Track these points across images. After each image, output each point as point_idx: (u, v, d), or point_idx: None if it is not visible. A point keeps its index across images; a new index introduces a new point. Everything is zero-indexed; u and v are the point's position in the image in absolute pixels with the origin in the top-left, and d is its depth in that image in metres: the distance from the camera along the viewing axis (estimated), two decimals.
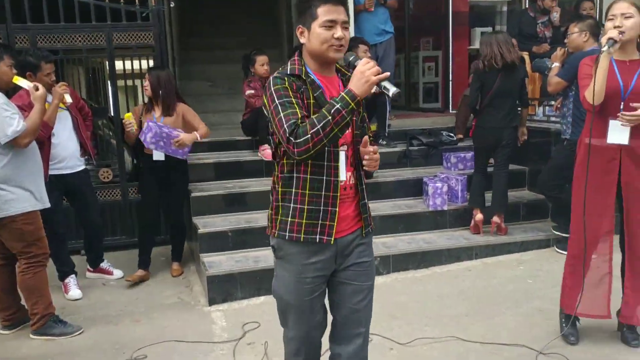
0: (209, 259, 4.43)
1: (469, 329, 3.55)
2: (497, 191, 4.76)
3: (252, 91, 5.38)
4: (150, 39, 5.18)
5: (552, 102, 5.42)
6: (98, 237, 4.68)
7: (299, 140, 1.98)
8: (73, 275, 4.44)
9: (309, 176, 2.14)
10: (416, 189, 5.23)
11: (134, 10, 5.16)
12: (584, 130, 3.18)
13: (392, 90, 2.01)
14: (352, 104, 1.97)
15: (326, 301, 2.33)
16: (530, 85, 6.21)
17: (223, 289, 4.17)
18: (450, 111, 6.84)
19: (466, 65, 7.02)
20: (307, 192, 2.15)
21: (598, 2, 6.76)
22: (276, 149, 2.21)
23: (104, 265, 4.76)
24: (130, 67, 5.33)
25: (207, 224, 4.68)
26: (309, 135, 1.97)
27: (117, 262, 4.88)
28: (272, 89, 2.10)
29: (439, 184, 4.86)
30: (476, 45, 7.17)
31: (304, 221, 2.15)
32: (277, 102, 2.06)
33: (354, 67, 2.05)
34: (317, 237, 2.16)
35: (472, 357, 3.23)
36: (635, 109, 2.92)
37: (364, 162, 2.17)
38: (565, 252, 3.68)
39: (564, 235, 4.76)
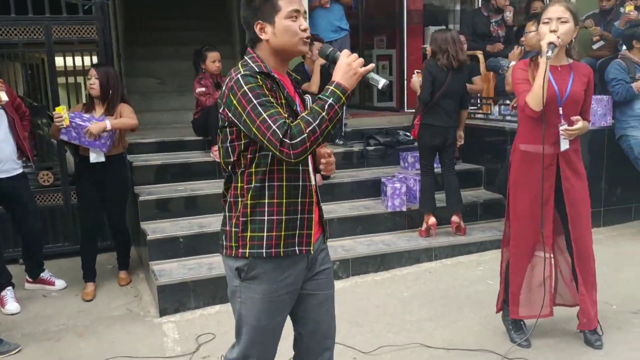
0: (159, 266, 4.19)
1: (433, 334, 3.46)
2: (451, 192, 4.70)
3: (203, 89, 5.15)
4: (93, 34, 4.85)
5: (508, 102, 5.43)
6: (38, 245, 4.34)
7: (295, 141, 1.81)
8: (10, 288, 4.11)
9: (284, 183, 1.98)
10: (374, 189, 5.13)
11: (75, 3, 4.84)
12: (518, 136, 3.12)
13: (381, 82, 1.92)
14: (344, 98, 1.86)
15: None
16: (484, 84, 6.22)
17: (175, 298, 3.94)
18: (406, 110, 6.78)
19: (420, 64, 6.97)
20: (283, 200, 1.97)
21: (548, 1, 6.84)
22: (239, 157, 1.98)
23: (45, 275, 4.43)
24: (72, 64, 4.99)
25: (156, 229, 4.43)
26: (306, 135, 1.81)
27: (59, 272, 4.57)
28: (245, 87, 1.87)
29: (397, 185, 4.77)
30: None
31: (282, 233, 1.98)
32: (255, 102, 1.85)
33: (334, 60, 1.95)
34: (297, 248, 2.00)
35: None
36: (574, 122, 2.91)
37: (321, 166, 2.09)
38: None
39: None
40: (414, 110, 6.12)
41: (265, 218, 1.97)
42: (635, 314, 3.56)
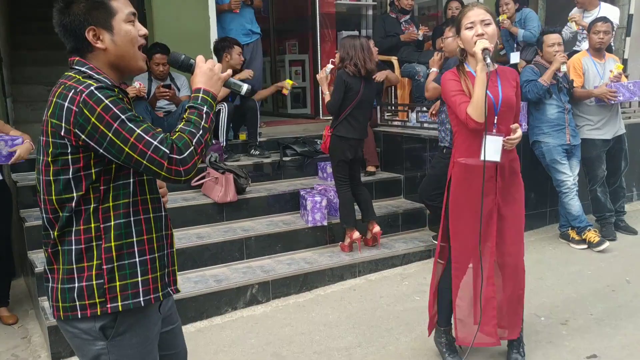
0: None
1: None
2: (366, 202, 4.51)
3: None
4: None
5: (425, 109, 5.32)
6: None
7: (183, 156, 1.59)
8: None
9: (151, 215, 1.73)
10: (293, 202, 4.83)
11: None
12: (456, 149, 2.91)
13: (244, 87, 1.87)
14: (214, 105, 1.74)
15: None
16: (399, 90, 6.13)
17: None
18: (321, 117, 6.54)
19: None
20: (153, 235, 1.72)
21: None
22: (87, 190, 1.60)
23: None
24: None
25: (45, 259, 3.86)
26: (193, 147, 1.61)
27: None
28: (107, 101, 1.54)
29: (317, 198, 4.50)
30: None
31: (157, 273, 1.73)
32: (123, 117, 1.56)
33: (189, 66, 1.80)
34: (168, 289, 1.79)
35: None
36: (513, 131, 2.75)
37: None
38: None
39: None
40: (330, 118, 5.95)
41: (137, 260, 1.68)
42: (564, 324, 3.50)
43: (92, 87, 1.55)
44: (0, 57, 5.23)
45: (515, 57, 5.40)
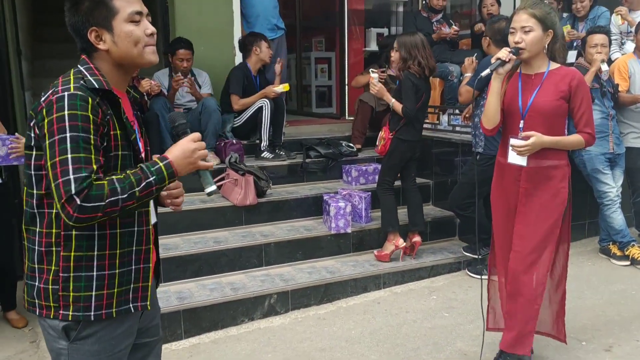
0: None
1: None
2: (416, 208, 4.28)
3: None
4: None
5: (457, 111, 5.05)
6: None
7: (86, 205, 1.47)
8: None
9: (118, 230, 1.64)
10: (315, 207, 4.61)
11: None
12: (500, 146, 2.97)
13: (210, 188, 1.72)
14: (167, 183, 1.60)
15: None
16: (431, 91, 5.84)
17: None
18: (347, 118, 6.30)
19: (362, 68, 6.54)
20: (117, 251, 1.65)
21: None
22: (47, 190, 1.56)
23: None
24: None
25: None
26: (103, 204, 1.48)
27: None
28: (67, 112, 1.50)
29: (341, 204, 4.26)
30: (372, 47, 6.76)
31: (115, 290, 1.65)
32: (68, 135, 1.49)
33: (179, 135, 1.70)
34: (131, 305, 1.69)
35: None
36: (527, 137, 2.69)
37: (167, 201, 1.88)
38: (478, 276, 3.75)
39: (474, 256, 4.39)
40: (352, 118, 5.72)
41: (94, 274, 1.62)
42: (608, 351, 3.21)
43: (66, 93, 1.52)
44: (20, 50, 5.09)
45: (571, 56, 5.09)
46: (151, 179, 1.55)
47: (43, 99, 1.56)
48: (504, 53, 2.65)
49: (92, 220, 1.50)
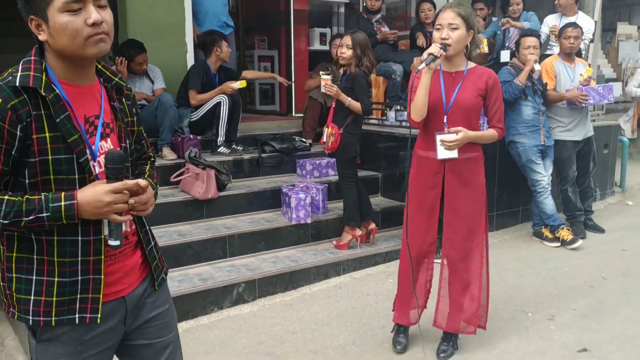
0: None
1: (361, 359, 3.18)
2: (366, 198, 4.52)
3: None
4: None
5: (402, 107, 5.35)
6: None
7: None
8: None
9: (55, 237, 1.52)
10: (273, 200, 4.76)
11: None
12: (417, 143, 3.09)
13: (112, 242, 1.53)
14: (64, 221, 1.46)
15: None
16: (374, 89, 6.14)
17: None
18: (294, 114, 6.48)
19: (306, 67, 6.74)
20: (55, 259, 1.53)
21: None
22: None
23: None
24: None
25: None
26: None
27: None
28: None
29: (302, 195, 4.44)
30: (316, 45, 6.97)
31: (54, 299, 1.54)
32: None
33: (108, 178, 1.50)
34: (77, 316, 1.56)
35: None
36: (456, 132, 2.87)
37: (134, 212, 1.59)
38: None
39: None
40: (302, 115, 5.90)
41: (33, 278, 1.54)
42: (551, 320, 3.59)
43: None
44: None
45: (505, 56, 5.52)
46: (44, 214, 1.44)
47: None
48: (435, 48, 2.75)
49: None
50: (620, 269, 4.39)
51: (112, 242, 1.53)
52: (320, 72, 4.68)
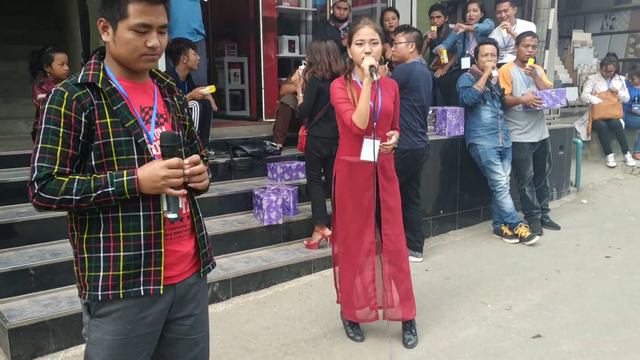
0: (7, 305, 3.53)
1: (331, 352, 3.36)
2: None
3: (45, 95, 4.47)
4: None
5: None
6: None
7: (43, 195, 1.63)
8: None
9: (120, 214, 1.71)
10: (245, 202, 4.91)
11: None
12: (340, 148, 3.28)
13: (170, 215, 1.72)
14: (127, 195, 1.67)
15: None
16: None
17: (31, 342, 3.33)
18: (264, 120, 6.63)
19: (276, 73, 6.90)
20: (120, 234, 1.72)
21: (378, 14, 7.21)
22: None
23: None
24: None
25: None
26: (58, 199, 1.62)
27: None
28: (47, 105, 1.66)
29: (273, 197, 4.61)
30: (284, 52, 7.14)
31: (120, 272, 1.71)
32: (43, 126, 1.66)
33: (164, 155, 1.70)
34: (142, 288, 1.74)
35: None
36: (388, 138, 3.13)
37: (190, 184, 1.77)
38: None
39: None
40: (273, 120, 6.07)
41: (101, 255, 1.72)
42: (508, 310, 3.83)
43: (57, 87, 1.68)
44: None
45: (466, 63, 5.78)
46: (110, 189, 1.63)
47: None
48: (372, 60, 2.94)
49: (48, 210, 1.66)
50: (573, 263, 4.68)
51: (170, 215, 1.71)
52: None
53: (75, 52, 6.11)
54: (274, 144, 5.56)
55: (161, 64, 5.54)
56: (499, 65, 5.53)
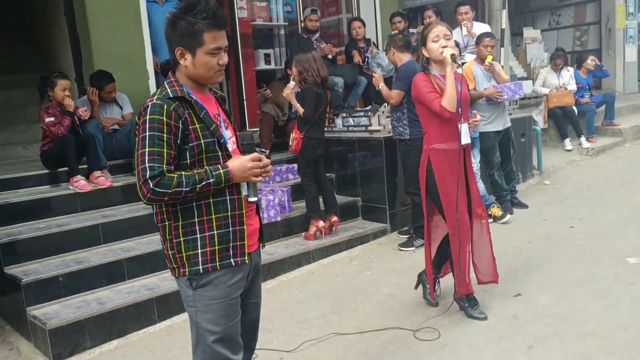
0: (41, 311, 3.86)
1: (342, 323, 3.80)
2: (330, 194, 5.20)
3: (52, 118, 4.84)
4: None
5: (344, 114, 6.03)
6: None
7: (158, 190, 1.98)
8: None
9: (211, 200, 2.10)
10: None
11: None
12: (430, 138, 3.60)
13: (252, 198, 2.15)
14: (223, 184, 2.08)
15: None
16: None
17: (69, 341, 3.68)
18: (247, 129, 7.05)
19: (254, 85, 7.33)
20: (212, 216, 2.11)
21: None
22: None
23: None
24: None
25: (27, 272, 4.05)
26: (170, 192, 1.99)
27: None
28: (148, 117, 2.03)
29: (271, 197, 5.04)
30: (261, 65, 7.59)
31: (216, 247, 2.11)
32: (147, 133, 2.01)
33: (244, 152, 2.14)
34: (232, 260, 2.14)
35: (358, 346, 3.48)
36: (475, 116, 3.62)
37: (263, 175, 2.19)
38: (406, 249, 4.83)
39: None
40: (257, 129, 6.49)
41: (198, 236, 2.10)
42: None
43: (151, 101, 2.06)
44: None
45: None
46: (211, 180, 2.03)
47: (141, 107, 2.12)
48: (452, 51, 3.37)
49: (159, 202, 2.01)
50: (542, 234, 5.23)
51: (251, 199, 2.14)
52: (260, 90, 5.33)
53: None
54: (263, 149, 5.95)
55: (152, 84, 5.93)
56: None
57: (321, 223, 5.10)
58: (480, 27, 6.65)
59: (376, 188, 5.68)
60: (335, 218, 5.19)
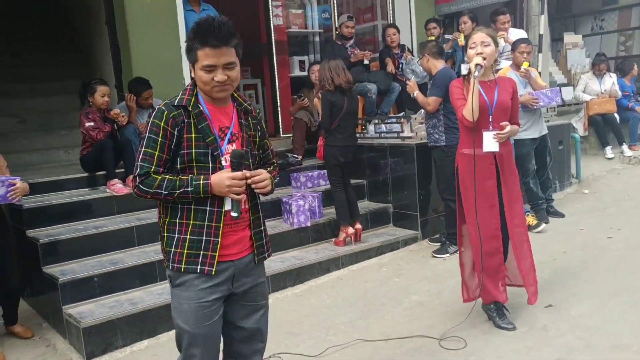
0: (76, 309, 3.99)
1: (368, 329, 3.80)
2: (353, 203, 5.17)
3: (92, 123, 5.00)
4: None
5: (376, 121, 6.03)
6: None
7: (142, 187, 2.18)
8: None
9: (192, 206, 2.21)
10: (273, 210, 5.36)
11: None
12: (461, 142, 3.63)
13: (232, 213, 2.17)
14: (201, 195, 2.16)
15: None
16: None
17: (102, 339, 3.79)
18: (282, 135, 7.12)
19: (289, 92, 7.40)
20: (190, 222, 2.21)
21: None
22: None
23: None
24: None
25: (65, 271, 4.19)
26: (152, 191, 2.16)
27: None
28: (151, 119, 2.20)
29: (301, 202, 5.07)
30: (295, 72, 7.66)
31: (185, 251, 2.21)
32: (146, 134, 2.19)
33: (232, 168, 2.15)
34: (199, 267, 2.21)
35: (383, 353, 3.47)
36: (503, 127, 3.46)
37: (256, 190, 2.26)
38: (440, 256, 4.83)
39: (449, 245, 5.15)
40: (290, 135, 6.56)
41: (175, 236, 2.23)
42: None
43: (160, 107, 2.22)
44: None
45: (464, 69, 6.23)
46: (189, 189, 2.13)
47: None
48: (480, 59, 3.35)
49: (144, 198, 2.19)
50: (578, 244, 5.10)
51: (233, 214, 2.17)
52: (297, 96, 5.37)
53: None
54: (295, 155, 6.04)
55: None
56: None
57: (351, 229, 5.11)
58: (516, 33, 6.56)
59: (407, 195, 5.65)
60: (359, 225, 5.18)
